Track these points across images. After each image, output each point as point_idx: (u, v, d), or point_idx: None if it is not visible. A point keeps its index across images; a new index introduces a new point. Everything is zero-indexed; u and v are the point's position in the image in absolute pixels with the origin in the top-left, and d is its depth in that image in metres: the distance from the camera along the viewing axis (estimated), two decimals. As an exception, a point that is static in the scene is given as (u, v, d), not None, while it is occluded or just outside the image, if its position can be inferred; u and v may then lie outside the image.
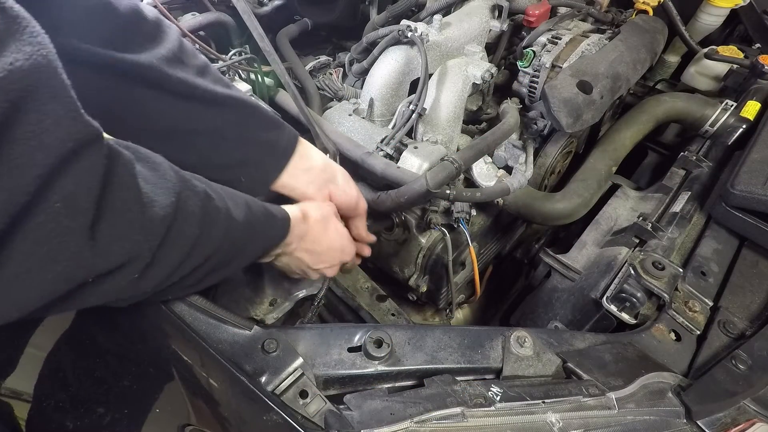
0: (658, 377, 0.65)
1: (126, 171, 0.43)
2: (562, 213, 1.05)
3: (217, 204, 0.53)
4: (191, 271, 0.52)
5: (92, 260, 0.40)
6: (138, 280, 0.46)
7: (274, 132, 0.73)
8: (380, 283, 1.05)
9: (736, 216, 0.92)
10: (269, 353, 0.57)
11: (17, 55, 0.32)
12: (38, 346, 0.61)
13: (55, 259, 0.38)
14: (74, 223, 0.38)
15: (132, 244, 0.43)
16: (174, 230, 0.47)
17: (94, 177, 0.39)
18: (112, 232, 0.41)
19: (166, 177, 0.48)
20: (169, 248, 0.47)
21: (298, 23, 1.33)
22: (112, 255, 0.42)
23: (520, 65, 1.19)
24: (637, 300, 0.80)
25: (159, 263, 0.47)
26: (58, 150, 0.35)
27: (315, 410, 0.54)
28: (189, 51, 0.65)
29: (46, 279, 0.38)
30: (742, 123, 1.16)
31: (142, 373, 0.58)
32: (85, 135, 0.38)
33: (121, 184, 0.42)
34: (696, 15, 1.52)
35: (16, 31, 0.33)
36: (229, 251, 0.56)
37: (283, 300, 0.81)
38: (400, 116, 1.02)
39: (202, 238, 0.50)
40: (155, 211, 0.44)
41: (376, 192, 0.92)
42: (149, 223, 0.44)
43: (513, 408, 0.57)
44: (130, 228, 0.43)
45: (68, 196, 0.37)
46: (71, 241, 0.38)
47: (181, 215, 0.47)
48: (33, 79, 0.33)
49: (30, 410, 0.59)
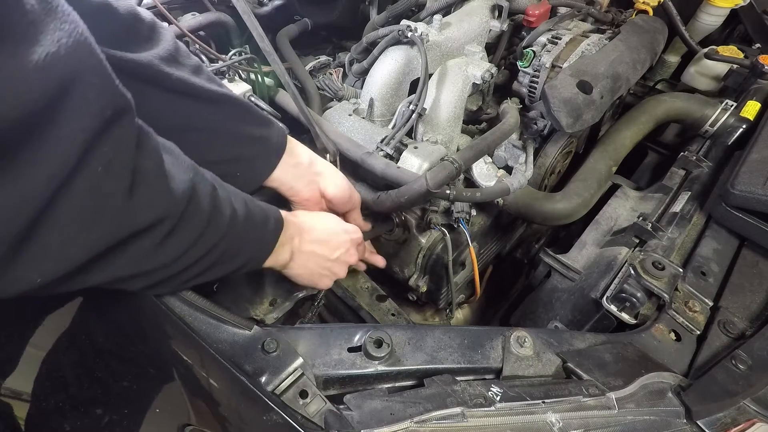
0: (658, 377, 0.65)
1: (152, 142, 0.47)
2: (562, 213, 1.05)
3: (222, 195, 0.56)
4: (203, 255, 0.54)
5: (129, 219, 0.44)
6: (158, 248, 0.48)
7: (266, 128, 0.75)
8: (380, 283, 1.05)
9: (736, 216, 0.91)
10: (269, 353, 0.57)
11: (59, 33, 0.35)
12: (38, 346, 0.61)
13: (98, 220, 0.41)
14: (114, 187, 0.41)
15: (160, 208, 0.47)
16: (192, 205, 0.50)
17: (129, 144, 0.42)
18: (148, 195, 0.45)
19: (182, 161, 0.52)
20: (188, 220, 0.50)
21: (298, 23, 1.33)
22: (145, 214, 0.45)
23: (520, 65, 1.19)
24: (637, 300, 0.80)
25: (179, 233, 0.50)
26: (99, 119, 0.38)
27: (315, 410, 0.54)
28: (183, 51, 0.67)
29: (91, 237, 0.41)
30: (742, 123, 1.16)
31: (142, 373, 0.58)
32: (122, 104, 0.41)
33: (149, 153, 0.45)
34: (696, 15, 1.52)
35: (51, 10, 0.35)
36: (232, 243, 0.58)
37: (283, 300, 0.81)
38: (400, 116, 1.02)
39: (211, 223, 0.53)
40: (177, 184, 0.48)
41: (376, 192, 0.92)
42: (173, 192, 0.48)
43: (513, 408, 0.57)
44: (160, 195, 0.46)
45: (108, 162, 0.40)
46: (112, 204, 0.42)
47: (196, 194, 0.51)
48: (77, 57, 0.36)
49: (29, 410, 0.59)
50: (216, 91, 0.68)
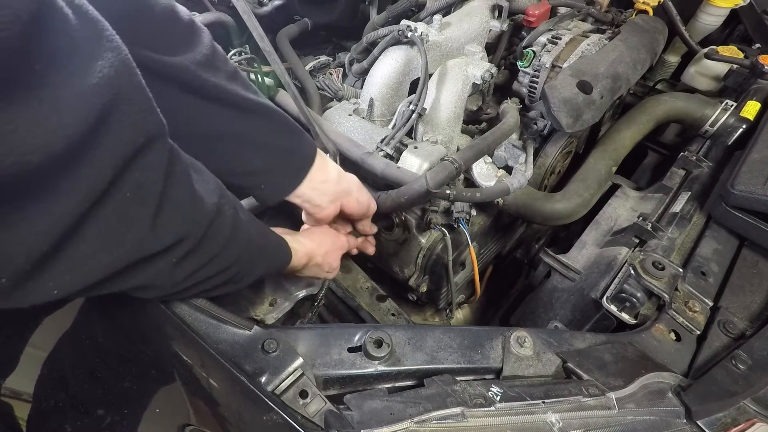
0: (658, 377, 0.65)
1: (183, 167, 0.47)
2: (562, 213, 1.05)
3: (242, 216, 0.57)
4: (216, 274, 0.55)
5: (151, 244, 0.45)
6: (175, 266, 0.49)
7: (296, 140, 0.72)
8: (380, 283, 1.05)
9: (736, 216, 0.91)
10: (269, 353, 0.57)
11: (103, 62, 0.36)
12: (39, 346, 0.61)
13: (121, 242, 0.42)
14: (141, 212, 0.42)
15: (183, 232, 0.47)
16: (214, 226, 0.51)
17: (159, 170, 0.43)
18: (172, 219, 0.45)
19: (209, 181, 0.53)
20: (208, 241, 0.51)
21: (298, 23, 1.33)
22: (167, 237, 0.46)
23: (520, 65, 1.19)
24: (637, 300, 0.80)
25: (197, 253, 0.50)
26: (132, 146, 0.39)
27: (315, 410, 0.54)
28: (221, 56, 0.64)
29: (110, 259, 0.42)
30: (742, 123, 1.16)
31: (142, 373, 0.58)
32: (155, 131, 0.41)
33: (179, 179, 0.46)
34: (696, 15, 1.52)
35: (98, 36, 0.36)
36: (247, 262, 0.59)
37: (283, 300, 0.81)
38: (400, 116, 1.02)
39: (230, 242, 0.54)
40: (203, 207, 0.49)
41: (376, 192, 0.92)
42: (198, 216, 0.49)
43: (513, 408, 0.57)
44: (183, 219, 0.47)
45: (137, 187, 0.41)
46: (137, 228, 0.42)
47: (219, 216, 0.51)
48: (117, 84, 0.36)
49: (30, 410, 0.59)
50: (252, 99, 0.65)
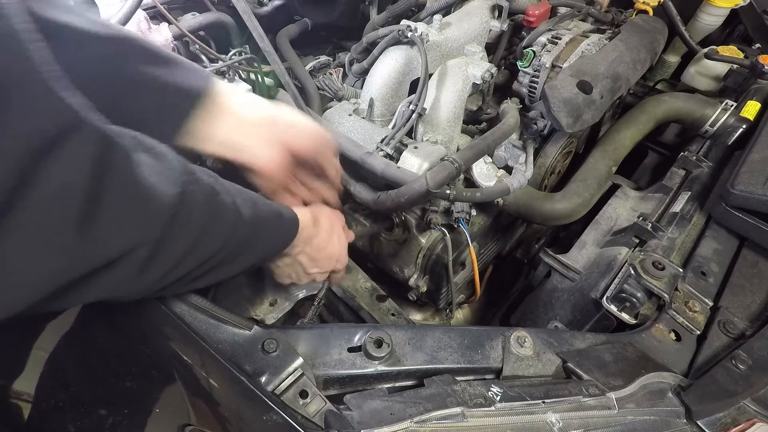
0: (658, 377, 0.65)
1: (123, 159, 0.39)
2: (562, 213, 1.05)
3: (224, 199, 0.51)
4: (196, 267, 0.50)
5: (85, 254, 0.38)
6: (139, 274, 0.44)
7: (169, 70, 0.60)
8: (380, 283, 1.04)
9: (736, 216, 0.91)
10: (269, 353, 0.57)
11: None
12: (39, 346, 0.61)
13: (43, 255, 0.35)
14: (62, 216, 0.35)
15: (131, 236, 0.41)
16: (178, 223, 0.44)
17: (83, 164, 0.36)
18: (109, 224, 0.38)
19: (172, 167, 0.45)
20: (171, 242, 0.45)
21: (298, 23, 1.33)
22: (108, 248, 0.39)
23: (520, 65, 1.19)
24: (637, 300, 0.80)
25: (160, 257, 0.45)
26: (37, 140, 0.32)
27: (315, 410, 0.54)
28: None
29: (35, 276, 0.36)
30: (742, 123, 1.16)
31: (142, 373, 0.58)
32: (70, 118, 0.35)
33: (117, 174, 0.39)
34: (696, 15, 1.52)
35: None
36: (237, 248, 0.55)
37: (283, 300, 0.81)
38: (400, 116, 1.02)
39: (208, 233, 0.49)
40: (157, 202, 0.42)
41: (376, 192, 0.92)
42: (150, 214, 0.42)
43: (513, 408, 0.57)
44: (128, 220, 0.40)
45: (54, 188, 0.34)
46: (61, 236, 0.35)
47: (185, 208, 0.45)
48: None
49: (31, 411, 0.59)
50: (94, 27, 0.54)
